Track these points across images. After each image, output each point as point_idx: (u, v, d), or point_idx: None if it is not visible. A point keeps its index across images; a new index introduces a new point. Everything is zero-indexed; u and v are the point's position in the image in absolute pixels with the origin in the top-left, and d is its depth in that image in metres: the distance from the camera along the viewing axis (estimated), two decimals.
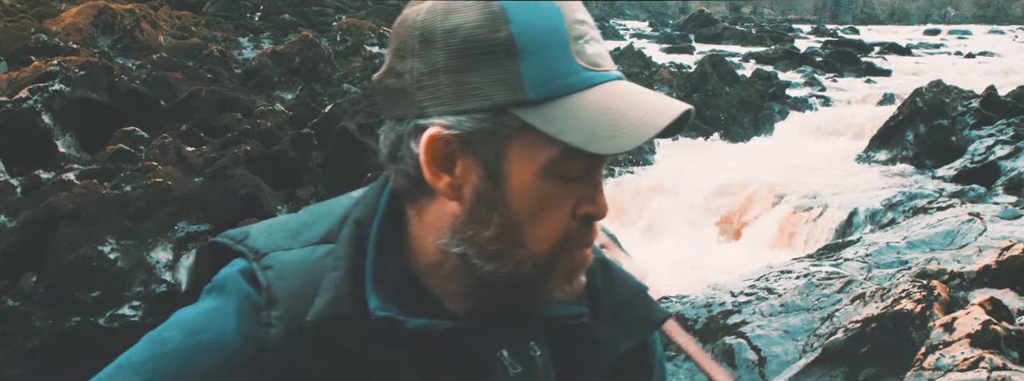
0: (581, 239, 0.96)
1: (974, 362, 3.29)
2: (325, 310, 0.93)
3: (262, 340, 0.94)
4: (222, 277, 0.99)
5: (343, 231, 0.99)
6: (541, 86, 0.89)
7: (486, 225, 0.93)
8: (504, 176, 0.92)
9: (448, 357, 0.98)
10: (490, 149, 0.92)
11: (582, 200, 0.94)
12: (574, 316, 1.05)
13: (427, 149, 0.92)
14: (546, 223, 0.93)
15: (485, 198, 0.93)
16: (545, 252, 0.94)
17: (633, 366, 1.12)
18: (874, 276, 4.73)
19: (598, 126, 0.88)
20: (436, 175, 0.93)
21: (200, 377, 0.93)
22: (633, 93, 0.92)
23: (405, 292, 0.97)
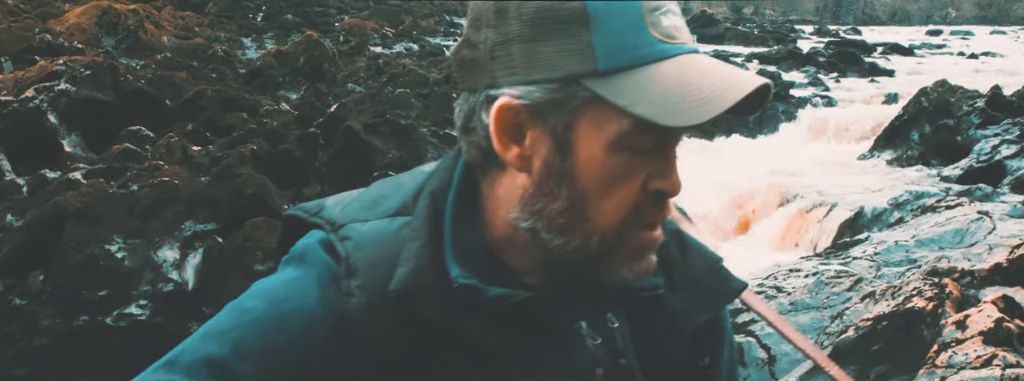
0: (651, 216, 0.95)
1: (987, 359, 3.28)
2: (407, 279, 0.92)
3: (343, 310, 0.93)
4: (301, 248, 0.99)
5: (419, 203, 0.99)
6: (613, 57, 0.88)
7: (554, 198, 0.92)
8: (573, 148, 0.91)
9: (527, 328, 0.97)
10: (559, 120, 0.91)
11: (653, 175, 0.93)
12: (650, 288, 1.04)
13: (497, 119, 0.92)
14: (614, 197, 0.92)
15: (553, 170, 0.92)
16: (613, 227, 0.93)
17: (707, 338, 1.11)
18: (883, 274, 4.72)
19: (670, 99, 0.87)
20: (505, 146, 0.93)
21: (283, 345, 0.92)
22: (709, 66, 0.91)
23: (483, 263, 0.96)
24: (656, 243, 0.97)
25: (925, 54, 27.16)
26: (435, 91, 10.46)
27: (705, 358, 1.11)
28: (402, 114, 8.92)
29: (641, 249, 0.95)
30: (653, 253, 0.97)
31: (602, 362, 1.00)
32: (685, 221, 1.18)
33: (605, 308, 1.03)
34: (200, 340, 0.94)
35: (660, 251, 1.02)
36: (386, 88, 10.52)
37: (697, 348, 1.09)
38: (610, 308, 1.03)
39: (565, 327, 1.00)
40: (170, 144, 6.78)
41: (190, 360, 0.92)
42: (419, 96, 10.19)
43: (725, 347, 1.17)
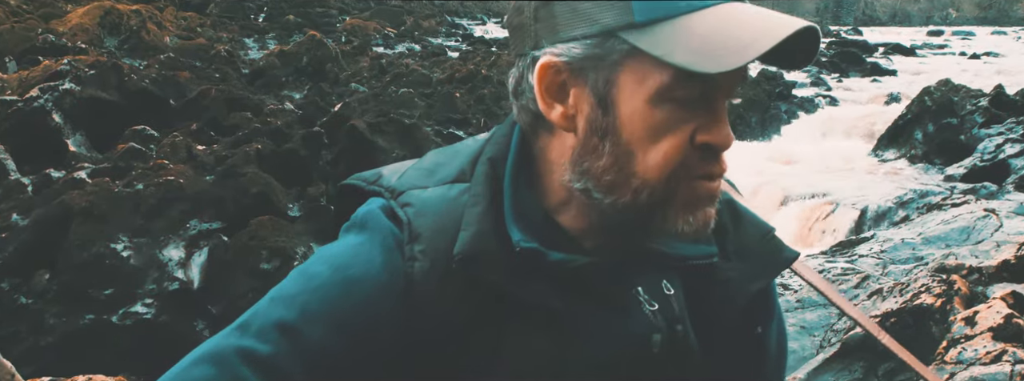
0: (702, 169, 0.93)
1: (997, 355, 3.27)
2: (470, 243, 0.93)
3: (407, 274, 0.94)
4: (362, 215, 1.00)
5: (478, 169, 1.00)
6: (649, 9, 0.88)
7: (600, 155, 0.93)
8: (614, 103, 0.91)
9: (586, 292, 0.97)
10: (600, 75, 0.91)
11: (700, 129, 0.92)
12: (704, 256, 1.05)
13: (540, 78, 0.93)
14: (659, 151, 0.91)
15: (597, 126, 0.92)
16: (660, 181, 0.92)
17: (759, 307, 1.11)
18: (890, 272, 4.72)
19: (707, 46, 0.86)
20: (549, 105, 0.94)
21: (350, 309, 0.93)
22: (750, 13, 0.89)
23: (543, 228, 0.97)
24: (713, 196, 0.95)
25: (927, 54, 27.17)
26: (438, 91, 10.46)
27: (757, 327, 1.11)
28: (406, 113, 8.92)
29: (696, 200, 0.94)
30: (711, 206, 0.96)
31: (659, 328, 1.01)
32: (735, 192, 1.18)
33: (660, 275, 1.03)
34: (269, 305, 0.94)
35: (716, 221, 1.01)
36: (389, 88, 10.52)
37: (750, 317, 1.09)
38: (665, 275, 1.04)
39: (623, 293, 1.01)
40: (175, 143, 6.78)
41: (261, 324, 0.92)
42: (422, 96, 10.19)
43: (775, 320, 1.17)
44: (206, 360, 0.90)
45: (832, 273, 4.80)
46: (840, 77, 18.10)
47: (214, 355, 0.90)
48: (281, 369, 0.89)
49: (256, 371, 0.88)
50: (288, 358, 0.90)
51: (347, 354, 0.92)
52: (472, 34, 25.12)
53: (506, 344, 0.95)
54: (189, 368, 0.89)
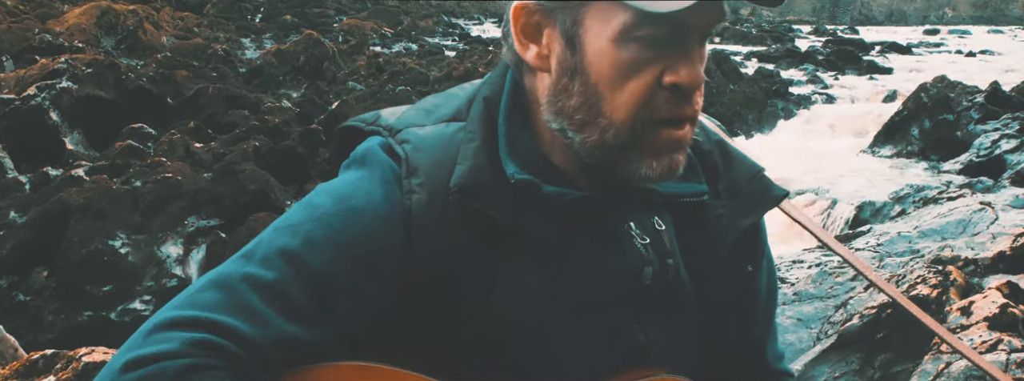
0: (669, 111, 0.96)
1: (993, 345, 3.29)
2: (466, 176, 0.96)
3: (406, 206, 0.97)
4: (361, 151, 1.03)
5: (473, 109, 1.03)
6: None
7: (570, 94, 0.96)
8: (582, 42, 0.95)
9: (580, 225, 1.00)
10: (568, 16, 0.95)
11: (668, 69, 0.94)
12: (694, 194, 1.08)
13: (515, 20, 0.97)
14: (626, 90, 0.94)
15: (566, 66, 0.96)
16: (626, 121, 0.95)
17: (750, 247, 1.14)
18: (887, 264, 4.74)
19: None
20: (525, 46, 0.98)
21: (352, 238, 0.96)
22: None
23: (537, 163, 1.00)
24: (681, 142, 0.98)
25: (923, 52, 27.20)
26: (435, 89, 10.48)
27: (748, 266, 1.14)
28: None
29: (661, 147, 0.97)
30: (679, 153, 0.98)
31: (650, 261, 1.04)
32: (725, 134, 1.21)
33: (652, 211, 1.06)
34: (273, 234, 0.97)
35: (704, 159, 1.07)
36: (387, 86, 10.54)
37: (740, 256, 1.12)
38: (657, 212, 1.07)
39: (616, 227, 1.03)
40: (173, 141, 6.80)
41: (265, 252, 0.94)
42: (420, 94, 10.20)
43: (765, 260, 1.20)
44: (213, 286, 0.92)
45: (829, 266, 4.81)
46: (837, 75, 18.10)
47: (221, 281, 0.92)
48: (286, 294, 0.92)
49: (261, 296, 0.91)
50: (292, 284, 0.92)
51: (349, 281, 0.94)
52: (469, 33, 25.10)
53: (501, 275, 0.97)
54: (197, 293, 0.92)
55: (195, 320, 0.88)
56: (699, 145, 1.11)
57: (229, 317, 0.89)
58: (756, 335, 1.19)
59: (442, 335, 0.98)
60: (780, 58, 20.45)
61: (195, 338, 0.87)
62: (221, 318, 0.89)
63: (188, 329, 0.88)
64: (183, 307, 0.90)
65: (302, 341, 0.92)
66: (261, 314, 0.90)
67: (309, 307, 0.92)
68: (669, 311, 1.06)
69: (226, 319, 0.89)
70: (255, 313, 0.90)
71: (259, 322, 0.90)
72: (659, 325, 1.06)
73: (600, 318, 1.02)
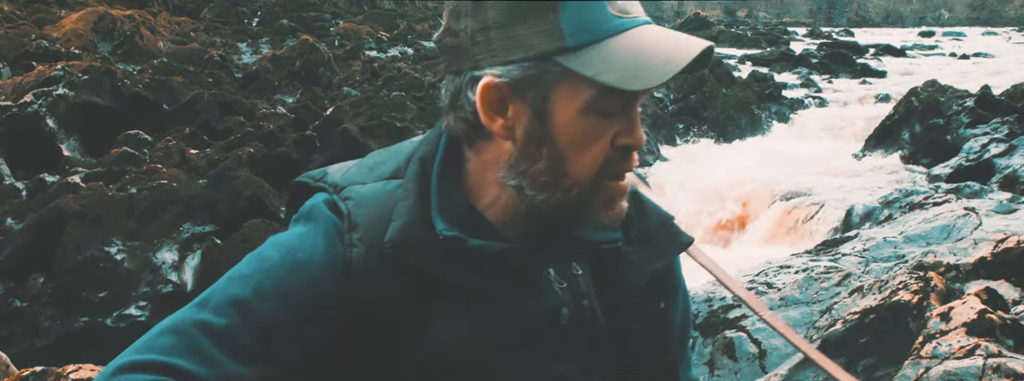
0: (620, 167, 1.09)
1: (970, 350, 3.35)
2: (399, 232, 1.06)
3: (347, 259, 1.07)
4: (308, 207, 1.13)
5: (410, 168, 1.14)
6: (578, 34, 1.02)
7: (537, 159, 1.07)
8: (550, 115, 1.05)
9: (503, 274, 1.11)
10: (537, 92, 1.05)
11: (620, 133, 1.07)
12: (610, 241, 1.19)
13: (482, 96, 1.06)
14: (588, 154, 1.06)
15: (535, 135, 1.06)
16: (588, 180, 1.08)
17: (663, 285, 1.26)
18: (872, 270, 4.80)
19: (629, 66, 1.01)
20: (491, 118, 1.07)
21: (297, 288, 1.06)
22: (660, 35, 1.05)
23: (466, 219, 1.10)
24: (626, 191, 1.12)
25: (917, 55, 27.30)
26: (430, 94, 10.54)
27: (661, 303, 1.26)
28: (398, 117, 9.00)
29: (613, 197, 1.11)
30: (624, 200, 1.12)
31: (567, 303, 1.15)
32: (641, 184, 1.32)
33: (571, 258, 1.17)
34: (225, 284, 1.07)
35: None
36: (382, 91, 10.60)
37: (654, 294, 1.24)
38: (575, 258, 1.18)
39: (536, 274, 1.14)
40: (168, 147, 6.85)
41: (218, 300, 1.05)
42: (414, 99, 10.26)
43: (680, 296, 1.32)
44: (169, 331, 1.03)
45: (815, 271, 4.88)
46: (830, 78, 18.21)
47: (176, 327, 1.03)
48: (235, 340, 1.02)
49: (213, 341, 1.01)
50: (241, 330, 1.03)
51: (295, 328, 1.05)
52: None
53: (433, 321, 1.08)
54: (154, 338, 1.03)
55: (152, 363, 0.99)
56: None
57: (183, 360, 1.00)
58: (670, 362, 1.30)
59: (382, 374, 1.08)
60: (774, 61, 20.55)
61: (151, 380, 0.98)
62: (175, 361, 0.99)
63: (145, 371, 0.99)
64: (141, 351, 1.01)
65: (249, 379, 1.02)
66: (212, 357, 1.01)
67: (256, 350, 1.02)
68: (586, 346, 1.17)
69: (180, 362, 0.99)
70: (207, 356, 1.00)
71: (210, 364, 1.00)
72: (577, 359, 1.16)
73: (524, 355, 1.12)
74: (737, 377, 4.44)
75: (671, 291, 1.30)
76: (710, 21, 38.12)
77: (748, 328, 4.60)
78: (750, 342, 4.52)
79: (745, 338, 4.54)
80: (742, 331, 4.59)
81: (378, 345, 1.08)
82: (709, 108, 12.45)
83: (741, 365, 4.46)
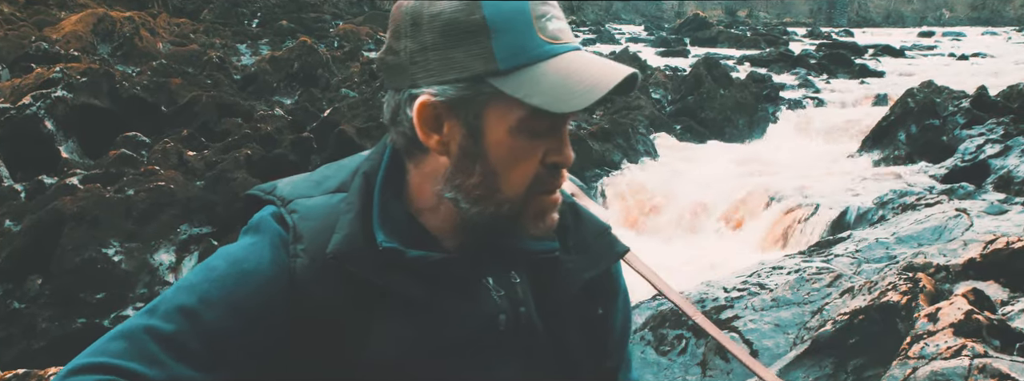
0: (549, 184, 1.15)
1: (957, 350, 3.38)
2: (341, 244, 1.12)
3: (291, 269, 1.13)
4: (256, 220, 1.19)
5: (354, 182, 1.19)
6: (510, 58, 1.08)
7: (470, 174, 1.13)
8: (483, 133, 1.11)
9: (443, 283, 1.17)
10: (470, 112, 1.11)
11: (549, 151, 1.13)
12: (547, 250, 1.25)
13: (419, 114, 1.12)
14: (519, 171, 1.12)
15: (468, 152, 1.12)
16: (519, 195, 1.13)
17: (600, 292, 1.32)
18: (863, 271, 4.83)
19: (556, 90, 1.06)
20: (427, 135, 1.13)
21: (243, 296, 1.11)
22: (587, 60, 1.11)
23: (407, 230, 1.16)
24: (556, 205, 1.17)
25: (916, 55, 27.32)
26: None
27: (599, 308, 1.31)
28: None
29: (543, 210, 1.16)
30: (555, 213, 1.17)
31: (505, 310, 1.21)
32: (582, 195, 1.40)
33: (509, 267, 1.23)
34: (174, 292, 1.13)
35: (559, 220, 1.22)
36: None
37: (592, 300, 1.30)
38: (513, 267, 1.24)
39: (474, 282, 1.20)
40: (166, 149, 6.89)
41: (167, 308, 1.10)
42: None
43: (619, 301, 1.38)
44: (120, 336, 1.08)
45: (807, 272, 4.91)
46: (828, 79, 18.22)
47: (126, 332, 1.09)
48: (182, 345, 1.08)
49: (161, 346, 1.07)
50: (189, 336, 1.08)
51: (241, 334, 1.10)
52: None
53: (375, 328, 1.14)
54: (106, 343, 1.08)
55: (103, 365, 1.05)
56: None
57: (132, 362, 1.05)
58: (610, 366, 1.37)
59: (326, 376, 1.14)
60: (772, 62, 20.58)
61: (103, 379, 1.03)
62: (125, 363, 1.05)
63: (97, 373, 1.04)
64: (94, 355, 1.07)
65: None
66: (160, 360, 1.06)
67: (203, 355, 1.08)
68: (525, 351, 1.23)
69: (129, 364, 1.05)
70: (155, 359, 1.06)
71: (158, 366, 1.06)
72: (516, 363, 1.22)
73: (464, 359, 1.18)
74: (729, 377, 4.47)
75: (610, 297, 1.35)
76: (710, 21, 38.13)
77: (741, 329, 4.64)
78: (742, 343, 4.55)
79: (737, 339, 4.57)
80: (734, 332, 4.62)
81: (323, 351, 1.13)
82: (706, 109, 12.48)
83: (733, 365, 4.50)
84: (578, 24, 51.76)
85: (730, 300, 4.92)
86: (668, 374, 4.68)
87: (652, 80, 14.17)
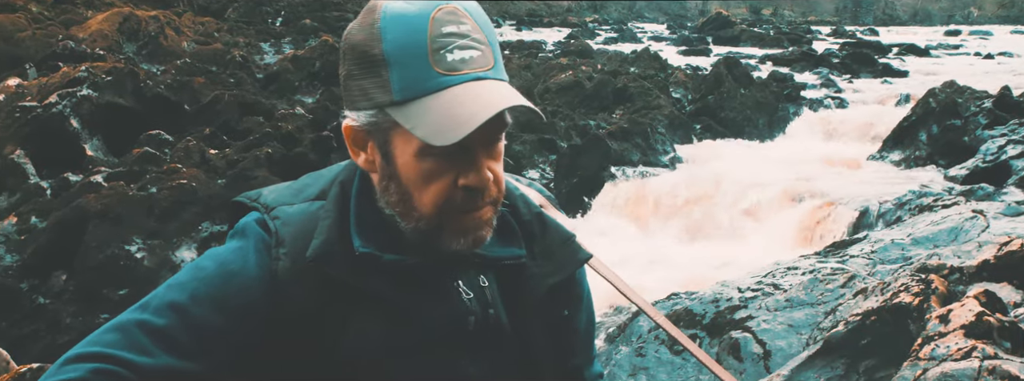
0: (465, 205, 1.21)
1: (967, 352, 3.40)
2: (320, 248, 1.21)
3: (273, 271, 1.22)
4: (242, 225, 1.28)
5: (332, 190, 1.29)
6: (404, 90, 1.15)
7: (391, 193, 1.23)
8: (393, 156, 1.20)
9: (416, 286, 1.25)
10: (380, 136, 1.20)
11: (461, 174, 1.19)
12: (513, 257, 1.33)
13: (346, 135, 1.24)
14: (429, 191, 1.20)
15: (385, 172, 1.22)
16: (432, 213, 1.21)
17: (566, 296, 1.41)
18: (878, 272, 4.84)
19: (439, 122, 1.13)
20: (356, 153, 1.25)
21: (229, 295, 1.20)
22: (476, 92, 1.15)
23: (382, 236, 1.25)
24: (481, 222, 1.23)
25: (941, 54, 27.06)
26: None
27: (564, 310, 1.40)
28: None
29: (466, 228, 1.22)
30: (482, 230, 1.24)
31: (474, 311, 1.29)
32: (549, 206, 1.46)
33: (479, 272, 1.32)
34: (165, 290, 1.22)
35: (524, 227, 1.34)
36: None
37: (557, 303, 1.38)
38: (483, 272, 1.32)
39: (446, 285, 1.28)
40: (188, 148, 6.98)
41: (158, 304, 1.19)
42: None
43: (583, 304, 1.46)
44: (114, 329, 1.17)
45: (822, 273, 4.92)
46: (851, 78, 18.11)
47: (120, 326, 1.17)
48: (172, 337, 1.16)
49: (152, 338, 1.16)
50: (177, 330, 1.17)
51: (225, 330, 1.19)
52: None
53: (350, 326, 1.22)
54: (100, 335, 1.16)
55: (97, 354, 1.13)
56: (521, 215, 1.37)
57: (124, 351, 1.14)
58: (575, 364, 1.46)
59: (305, 371, 1.23)
60: (795, 61, 20.48)
61: (96, 367, 1.12)
62: (118, 352, 1.13)
63: (90, 361, 1.13)
64: (89, 345, 1.15)
65: (184, 371, 1.16)
66: (150, 350, 1.15)
67: (190, 347, 1.17)
68: (493, 350, 1.32)
69: (122, 353, 1.14)
70: (145, 349, 1.15)
71: (148, 355, 1.15)
72: (485, 362, 1.31)
73: (435, 358, 1.27)
74: (742, 377, 4.49)
75: (574, 300, 1.43)
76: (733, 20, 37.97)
77: (754, 329, 4.66)
78: (755, 343, 4.57)
79: (750, 339, 4.60)
80: (747, 332, 4.64)
81: (302, 347, 1.22)
82: (727, 108, 12.45)
83: (746, 365, 4.52)
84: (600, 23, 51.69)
85: (744, 300, 4.94)
86: (681, 373, 4.71)
87: (672, 80, 14.16)
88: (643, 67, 14.91)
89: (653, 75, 14.03)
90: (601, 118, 11.51)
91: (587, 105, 12.21)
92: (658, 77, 13.96)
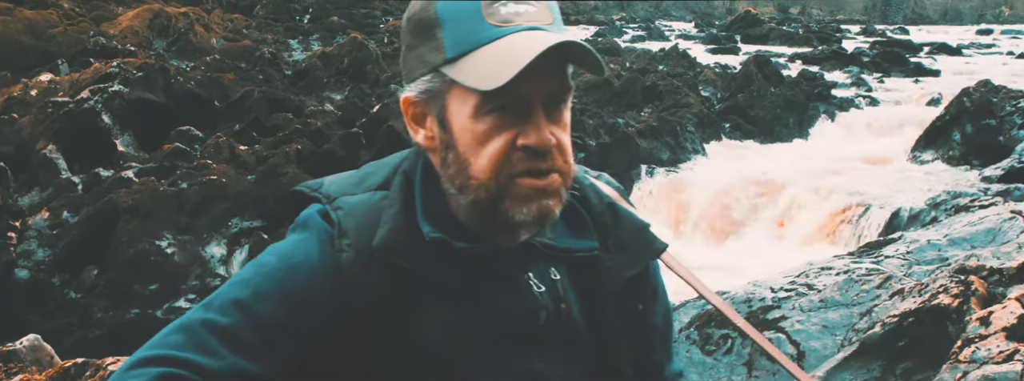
0: (527, 167, 1.16)
1: (1009, 355, 3.33)
2: (387, 237, 1.17)
3: (338, 262, 1.18)
4: (304, 217, 1.24)
5: (395, 180, 1.24)
6: (456, 46, 1.13)
7: (448, 164, 1.18)
8: (449, 121, 1.17)
9: (485, 276, 1.20)
10: (437, 103, 1.17)
11: (520, 134, 1.15)
12: (586, 249, 1.27)
13: (404, 110, 1.21)
14: (486, 154, 1.15)
15: (443, 142, 1.18)
16: (490, 178, 1.15)
17: (640, 289, 1.34)
18: (914, 273, 4.76)
19: (488, 69, 1.10)
20: (415, 130, 1.21)
21: (293, 289, 1.17)
22: (530, 39, 1.12)
23: (449, 224, 1.20)
24: (546, 190, 1.17)
25: (973, 54, 26.72)
26: None
27: (639, 305, 1.34)
28: None
29: (527, 195, 1.16)
30: (546, 199, 1.17)
31: (545, 306, 1.23)
32: (620, 198, 1.39)
33: (550, 264, 1.26)
34: (229, 287, 1.18)
35: (596, 219, 1.28)
36: None
37: (632, 297, 1.32)
38: (553, 264, 1.26)
39: (516, 277, 1.23)
40: (218, 143, 7.00)
41: (222, 302, 1.16)
42: None
43: (658, 297, 1.40)
44: (179, 330, 1.14)
45: (856, 274, 4.85)
46: (882, 77, 17.91)
47: (184, 326, 1.15)
48: (237, 335, 1.13)
49: (218, 338, 1.13)
50: (243, 328, 1.14)
51: (291, 325, 1.15)
52: None
53: (418, 318, 1.17)
54: (165, 336, 1.14)
55: (163, 358, 1.11)
56: (592, 206, 1.31)
57: (190, 354, 1.11)
58: (655, 360, 1.40)
59: (371, 365, 1.19)
60: (824, 60, 20.28)
61: (162, 372, 1.09)
62: (184, 355, 1.11)
63: (157, 365, 1.10)
64: (154, 348, 1.13)
65: (251, 371, 1.13)
66: (217, 351, 1.13)
67: (256, 345, 1.14)
68: (564, 346, 1.26)
69: (188, 355, 1.11)
70: (212, 350, 1.12)
71: (215, 357, 1.12)
72: (556, 358, 1.26)
73: (502, 352, 1.22)
74: (775, 378, 4.44)
75: (649, 294, 1.37)
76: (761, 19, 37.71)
77: (787, 329, 4.60)
78: (789, 344, 4.51)
79: (784, 340, 4.53)
80: (781, 332, 4.58)
81: (367, 340, 1.18)
82: (756, 107, 12.36)
83: (779, 366, 4.46)
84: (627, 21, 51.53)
85: (777, 300, 4.88)
86: (713, 374, 4.66)
87: (701, 78, 14.07)
88: (672, 65, 14.83)
89: (682, 73, 13.95)
90: (630, 116, 11.45)
91: (616, 103, 12.16)
92: (687, 75, 13.88)
